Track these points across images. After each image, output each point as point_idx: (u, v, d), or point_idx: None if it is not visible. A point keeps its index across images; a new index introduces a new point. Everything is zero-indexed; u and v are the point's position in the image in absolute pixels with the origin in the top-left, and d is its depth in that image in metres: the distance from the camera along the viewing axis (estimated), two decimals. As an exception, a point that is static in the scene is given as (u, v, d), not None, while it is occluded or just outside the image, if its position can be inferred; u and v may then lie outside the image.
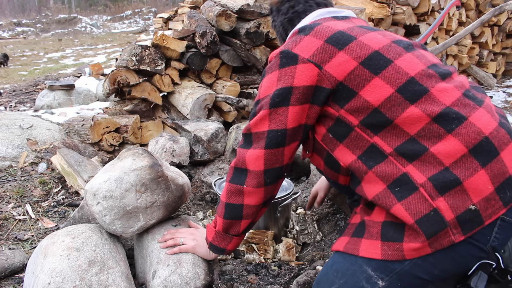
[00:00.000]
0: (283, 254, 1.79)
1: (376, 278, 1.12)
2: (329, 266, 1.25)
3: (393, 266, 1.10)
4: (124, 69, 3.03)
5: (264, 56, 3.28)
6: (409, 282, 1.11)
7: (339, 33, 1.17)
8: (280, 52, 1.20)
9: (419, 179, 1.06)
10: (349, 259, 1.18)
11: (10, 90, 6.01)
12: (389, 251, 1.10)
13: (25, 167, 2.77)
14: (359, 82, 1.12)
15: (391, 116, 1.10)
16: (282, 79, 1.17)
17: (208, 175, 2.36)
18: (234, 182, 1.26)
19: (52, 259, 1.35)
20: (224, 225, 1.33)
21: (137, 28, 17.51)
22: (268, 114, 1.19)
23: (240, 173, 1.25)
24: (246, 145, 1.24)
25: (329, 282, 1.20)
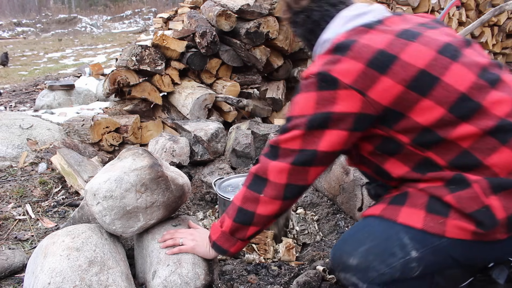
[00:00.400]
0: (283, 254, 1.79)
1: (410, 248, 1.11)
2: (360, 228, 1.23)
3: (432, 239, 1.09)
4: (124, 69, 3.03)
5: (264, 56, 3.28)
6: (441, 259, 1.11)
7: (380, 54, 1.10)
8: (318, 73, 1.14)
9: (474, 178, 1.06)
10: (386, 223, 1.16)
11: (10, 90, 6.01)
12: (431, 223, 1.09)
13: (25, 167, 2.77)
14: (407, 105, 1.09)
15: (443, 134, 1.08)
16: (320, 103, 1.13)
17: (208, 175, 2.36)
18: (251, 189, 1.25)
19: (52, 259, 1.35)
20: (231, 228, 1.32)
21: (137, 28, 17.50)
22: (303, 135, 1.15)
23: (260, 181, 1.23)
24: (272, 156, 1.21)
25: (358, 242, 1.19)
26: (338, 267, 1.24)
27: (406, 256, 1.11)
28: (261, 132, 2.61)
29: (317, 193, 2.22)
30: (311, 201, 2.20)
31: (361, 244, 1.18)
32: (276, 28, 3.24)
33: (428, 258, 1.11)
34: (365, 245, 1.17)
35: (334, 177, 2.08)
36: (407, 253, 1.11)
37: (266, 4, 3.19)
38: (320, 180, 2.18)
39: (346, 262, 1.19)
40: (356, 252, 1.18)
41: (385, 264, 1.13)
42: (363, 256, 1.16)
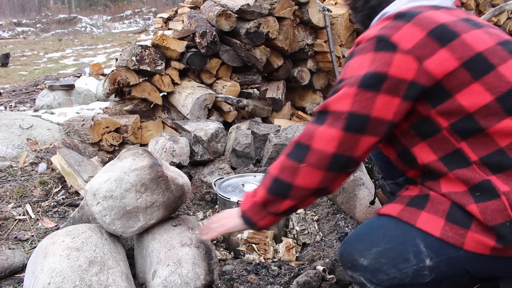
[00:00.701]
0: (283, 254, 1.79)
1: (425, 256, 1.09)
2: (375, 227, 1.20)
3: (448, 250, 1.07)
4: (124, 69, 3.03)
5: (264, 56, 3.28)
6: (454, 271, 1.10)
7: (442, 27, 1.08)
8: (376, 36, 1.09)
9: (503, 188, 1.02)
10: (402, 226, 1.13)
11: (10, 90, 6.01)
12: (450, 233, 1.06)
13: (25, 167, 2.77)
14: (457, 84, 1.05)
15: (485, 124, 1.04)
16: (376, 63, 1.07)
17: (208, 175, 2.36)
18: (291, 157, 1.13)
19: (52, 259, 1.35)
20: (264, 199, 1.21)
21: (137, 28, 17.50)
22: (355, 94, 1.07)
23: (301, 149, 1.11)
24: (319, 122, 1.10)
25: (372, 242, 1.15)
26: (347, 265, 1.22)
27: (420, 264, 1.09)
28: (261, 132, 2.61)
29: (317, 193, 2.22)
30: (311, 201, 2.20)
31: (375, 245, 1.15)
32: (276, 28, 3.24)
33: (441, 268, 1.09)
34: (378, 246, 1.14)
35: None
36: (421, 261, 1.09)
37: (266, 4, 3.19)
38: (320, 180, 2.18)
39: (356, 261, 1.16)
40: (368, 252, 1.15)
41: (396, 268, 1.11)
42: (375, 258, 1.13)
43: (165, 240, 1.51)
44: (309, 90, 3.82)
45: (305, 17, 3.52)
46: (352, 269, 1.19)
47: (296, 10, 3.41)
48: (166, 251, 1.47)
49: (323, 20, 3.59)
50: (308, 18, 3.50)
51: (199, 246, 1.50)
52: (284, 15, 3.29)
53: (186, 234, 1.54)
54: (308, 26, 3.60)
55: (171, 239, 1.51)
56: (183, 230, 1.56)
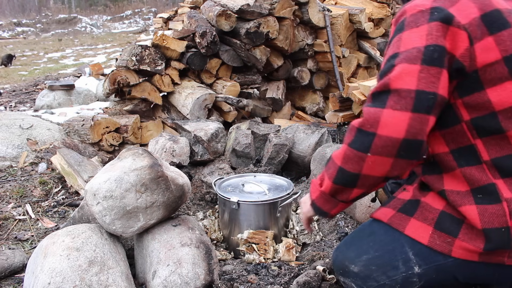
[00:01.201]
0: (283, 254, 1.79)
1: (414, 263, 1.09)
2: (366, 234, 1.20)
3: (436, 257, 1.07)
4: (124, 69, 3.03)
5: (264, 56, 3.28)
6: (443, 278, 1.10)
7: (496, 12, 1.00)
8: (432, 7, 1.00)
9: (506, 194, 1.01)
10: (392, 234, 1.14)
11: (10, 90, 6.00)
12: (437, 241, 1.07)
13: (25, 167, 2.77)
14: (492, 78, 1.00)
15: (506, 126, 1.01)
16: (433, 34, 0.97)
17: (208, 175, 2.36)
18: (355, 147, 1.02)
19: (52, 259, 1.35)
20: (331, 189, 1.14)
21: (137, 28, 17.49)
22: (419, 70, 0.95)
23: (365, 136, 0.99)
24: (380, 104, 0.98)
25: (362, 250, 1.16)
26: (339, 271, 1.23)
27: (409, 271, 1.10)
28: (261, 132, 2.61)
29: (317, 193, 2.22)
30: (311, 201, 2.20)
31: (365, 252, 1.16)
32: (276, 28, 3.24)
33: (430, 275, 1.09)
34: (368, 254, 1.15)
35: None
36: (409, 268, 1.10)
37: (266, 4, 3.19)
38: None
39: (347, 268, 1.18)
40: (358, 260, 1.16)
41: (386, 276, 1.12)
42: (365, 265, 1.14)
43: (165, 240, 1.51)
44: (309, 90, 3.82)
45: (305, 17, 3.52)
46: (343, 276, 1.21)
47: (296, 10, 3.41)
48: (166, 251, 1.47)
49: (323, 20, 3.59)
50: (308, 18, 3.50)
51: (199, 246, 1.50)
52: (284, 15, 3.29)
53: (186, 234, 1.54)
54: (308, 26, 3.60)
55: (171, 239, 1.51)
56: (183, 230, 1.56)
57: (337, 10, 3.78)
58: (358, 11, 3.75)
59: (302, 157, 2.45)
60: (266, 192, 1.89)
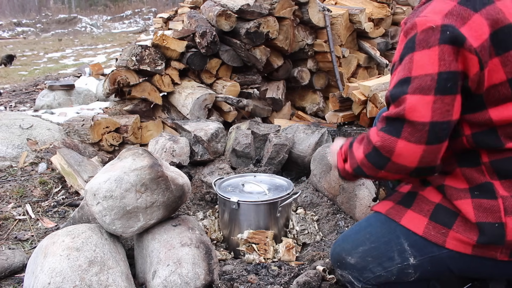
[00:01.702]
0: (283, 254, 1.79)
1: (409, 254, 1.11)
2: (363, 227, 1.22)
3: (431, 248, 1.09)
4: (124, 69, 3.03)
5: (264, 56, 3.28)
6: (438, 270, 1.11)
7: (507, 29, 0.99)
8: (442, 25, 0.98)
9: (502, 192, 1.03)
10: (388, 225, 1.16)
11: (10, 90, 6.00)
12: (432, 232, 1.09)
13: (25, 167, 2.77)
14: (496, 99, 1.01)
15: (505, 140, 1.04)
16: (446, 60, 0.97)
17: (208, 175, 2.36)
18: (371, 161, 1.08)
19: (52, 259, 1.35)
20: (352, 173, 1.19)
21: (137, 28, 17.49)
22: (433, 101, 0.97)
23: (381, 157, 1.05)
24: (395, 132, 1.01)
25: (358, 242, 1.19)
26: (336, 264, 1.25)
27: (404, 262, 1.11)
28: (261, 132, 2.61)
29: (317, 193, 2.22)
30: (311, 201, 2.20)
31: (361, 244, 1.18)
32: (276, 28, 3.24)
33: (425, 266, 1.11)
34: (364, 245, 1.17)
35: (334, 177, 2.08)
36: (405, 259, 1.11)
37: (266, 4, 3.19)
38: (320, 180, 2.18)
39: (344, 260, 1.20)
40: (355, 251, 1.18)
41: (381, 267, 1.14)
42: (361, 257, 1.16)
43: (165, 240, 1.51)
44: (309, 90, 3.82)
45: (305, 17, 3.51)
46: (341, 268, 1.23)
47: (296, 10, 3.41)
48: (166, 251, 1.47)
49: (323, 20, 3.59)
50: (308, 18, 3.50)
51: (199, 246, 1.50)
52: (284, 15, 3.29)
53: (186, 234, 1.54)
54: (308, 26, 3.60)
55: (171, 239, 1.51)
56: (183, 230, 1.56)
57: (337, 10, 3.78)
58: (358, 11, 3.75)
59: (302, 157, 2.45)
60: (266, 192, 1.89)
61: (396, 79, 1.04)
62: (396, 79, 1.04)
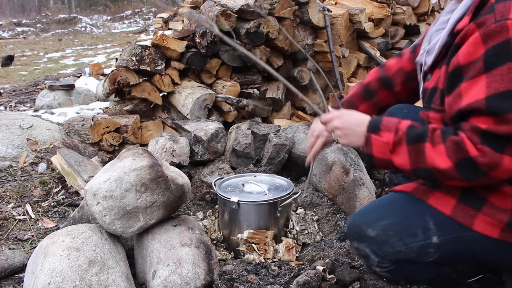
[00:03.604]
0: (283, 254, 1.79)
1: (432, 233, 1.09)
2: (386, 201, 1.20)
3: (456, 229, 1.07)
4: (124, 69, 3.03)
5: (264, 56, 3.28)
6: (460, 252, 1.10)
7: None
8: None
9: None
10: (414, 202, 1.13)
11: (10, 90, 6.00)
12: (460, 213, 1.07)
13: (25, 167, 2.77)
14: None
15: None
16: None
17: (208, 175, 2.36)
18: (461, 173, 1.03)
19: (52, 259, 1.35)
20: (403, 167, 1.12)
21: (137, 28, 17.48)
22: None
23: (477, 172, 1.02)
24: (500, 149, 0.99)
25: (381, 215, 1.16)
26: (353, 236, 1.21)
27: (426, 240, 1.09)
28: (261, 132, 2.61)
29: (317, 193, 2.22)
30: (311, 201, 2.20)
31: (384, 217, 1.15)
32: (276, 28, 3.24)
33: (447, 247, 1.09)
34: (387, 219, 1.14)
35: (334, 177, 2.08)
36: (428, 237, 1.09)
37: (266, 4, 3.19)
38: (320, 180, 2.18)
39: (364, 232, 1.16)
40: (376, 224, 1.15)
41: (403, 242, 1.11)
42: (383, 230, 1.13)
43: (165, 240, 1.51)
44: (309, 90, 3.82)
45: (305, 17, 3.52)
46: (358, 240, 1.19)
47: (296, 10, 3.41)
48: (166, 251, 1.47)
49: (323, 20, 3.59)
50: (308, 18, 3.50)
51: (199, 246, 1.50)
52: (284, 15, 3.29)
53: (186, 234, 1.54)
54: (308, 26, 3.60)
55: (171, 239, 1.51)
56: (183, 230, 1.56)
57: (337, 10, 3.78)
58: (358, 11, 3.75)
59: (302, 157, 2.45)
60: (266, 192, 1.89)
61: (489, 91, 0.98)
62: (489, 91, 0.98)
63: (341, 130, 1.23)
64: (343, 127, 1.23)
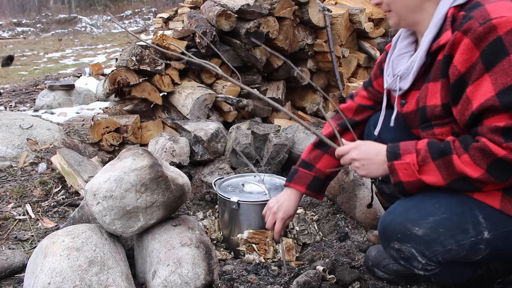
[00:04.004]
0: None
1: (484, 228, 1.05)
2: (427, 197, 1.13)
3: (507, 223, 1.05)
4: (124, 69, 3.03)
5: (264, 56, 3.28)
6: (509, 246, 1.06)
7: None
8: None
9: None
10: (458, 197, 1.09)
11: (10, 90, 6.00)
12: (509, 205, 1.05)
13: (25, 167, 2.77)
14: None
15: None
16: None
17: (208, 175, 2.36)
18: (495, 175, 1.02)
19: (52, 259, 1.35)
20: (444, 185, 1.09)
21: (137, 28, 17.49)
22: None
23: (509, 170, 1.01)
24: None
25: (427, 212, 1.10)
26: (395, 236, 1.14)
27: (478, 236, 1.05)
28: (261, 132, 2.61)
29: (317, 193, 2.21)
30: (311, 201, 2.20)
31: (431, 214, 1.09)
32: (276, 28, 3.24)
33: (497, 243, 1.06)
34: (435, 216, 1.08)
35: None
36: (479, 233, 1.05)
37: (266, 4, 3.19)
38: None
39: (409, 231, 1.09)
40: (424, 221, 1.09)
41: (454, 239, 1.06)
42: (432, 228, 1.07)
43: (165, 240, 1.51)
44: (309, 90, 3.82)
45: (305, 17, 3.52)
46: (402, 241, 1.12)
47: (296, 10, 3.41)
48: (166, 251, 1.47)
49: (323, 20, 3.59)
50: (308, 18, 3.50)
51: (199, 246, 1.50)
52: (284, 15, 3.29)
53: (186, 234, 1.54)
54: (308, 26, 3.60)
55: (171, 239, 1.51)
56: (183, 230, 1.56)
57: (337, 10, 3.78)
58: (358, 11, 3.75)
59: (302, 157, 2.44)
60: (266, 192, 1.89)
61: (497, 87, 0.99)
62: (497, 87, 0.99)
63: (359, 161, 1.21)
64: (362, 157, 1.21)
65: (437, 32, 1.13)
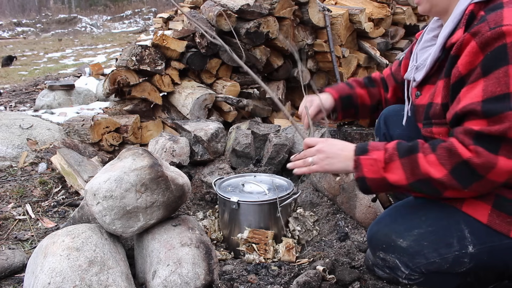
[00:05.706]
0: (283, 254, 1.79)
1: (468, 242, 1.05)
2: (416, 208, 1.14)
3: (493, 237, 1.04)
4: (124, 69, 3.03)
5: (264, 56, 3.28)
6: (495, 260, 1.06)
7: None
8: None
9: None
10: (447, 209, 1.09)
11: (10, 90, 6.00)
12: (497, 220, 1.04)
13: (25, 167, 2.77)
14: None
15: None
16: None
17: (208, 175, 2.36)
18: (457, 178, 1.01)
19: (52, 259, 1.35)
20: (400, 185, 1.08)
21: (137, 28, 17.48)
22: None
23: (474, 175, 1.00)
24: (493, 149, 0.98)
25: (413, 224, 1.10)
26: (380, 245, 1.15)
27: (462, 250, 1.05)
28: (261, 132, 2.61)
29: (317, 193, 2.22)
30: (311, 201, 2.20)
31: (416, 226, 1.09)
32: (276, 28, 3.24)
33: (481, 257, 1.06)
34: (420, 228, 1.08)
35: (333, 177, 2.08)
36: (463, 247, 1.05)
37: (266, 4, 3.19)
38: (320, 180, 2.18)
39: (394, 242, 1.10)
40: (408, 234, 1.09)
41: (437, 253, 1.06)
42: (416, 240, 1.08)
43: (165, 240, 1.51)
44: (309, 90, 3.82)
45: (305, 17, 3.51)
46: (386, 251, 1.13)
47: (296, 10, 3.41)
48: (166, 251, 1.47)
49: (323, 20, 3.59)
50: (308, 18, 3.50)
51: (199, 246, 1.50)
52: (284, 15, 3.29)
53: (186, 234, 1.54)
54: (308, 26, 3.60)
55: (171, 239, 1.51)
56: (183, 230, 1.56)
57: (337, 10, 3.78)
58: (358, 11, 3.75)
59: (302, 157, 2.45)
60: (266, 192, 1.89)
61: (485, 94, 0.99)
62: (485, 94, 0.99)
63: (324, 153, 1.22)
64: (328, 150, 1.21)
65: (453, 28, 1.11)
